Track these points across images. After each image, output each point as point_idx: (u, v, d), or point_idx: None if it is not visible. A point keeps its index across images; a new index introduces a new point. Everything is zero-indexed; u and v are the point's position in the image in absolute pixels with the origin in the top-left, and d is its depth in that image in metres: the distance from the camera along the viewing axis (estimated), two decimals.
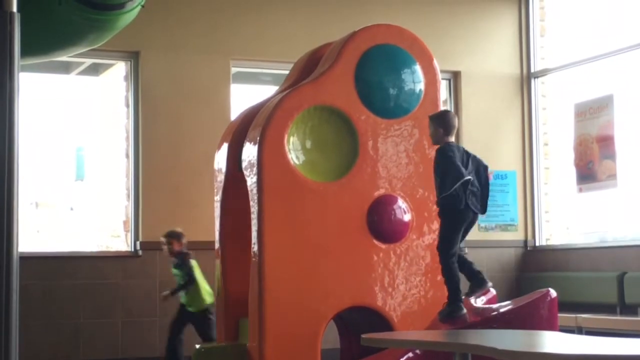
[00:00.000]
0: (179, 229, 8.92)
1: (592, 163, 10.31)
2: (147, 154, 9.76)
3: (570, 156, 10.63)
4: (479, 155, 6.81)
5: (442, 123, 6.71)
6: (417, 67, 7.57)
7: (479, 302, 6.93)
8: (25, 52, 6.32)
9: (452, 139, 6.75)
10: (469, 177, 6.52)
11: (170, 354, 8.74)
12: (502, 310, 6.72)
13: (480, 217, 6.96)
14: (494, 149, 10.94)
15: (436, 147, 6.81)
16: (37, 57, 7.25)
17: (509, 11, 11.40)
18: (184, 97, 9.91)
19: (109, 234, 10.65)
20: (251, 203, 7.31)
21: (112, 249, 10.27)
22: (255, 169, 7.22)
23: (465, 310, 6.64)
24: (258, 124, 7.36)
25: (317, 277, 7.17)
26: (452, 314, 6.62)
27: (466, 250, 6.86)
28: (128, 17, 6.72)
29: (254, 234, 7.22)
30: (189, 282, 8.67)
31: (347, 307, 7.27)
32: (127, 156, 9.94)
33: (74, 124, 12.23)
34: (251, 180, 7.32)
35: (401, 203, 7.43)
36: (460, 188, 6.48)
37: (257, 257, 7.14)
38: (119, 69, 10.25)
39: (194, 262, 8.75)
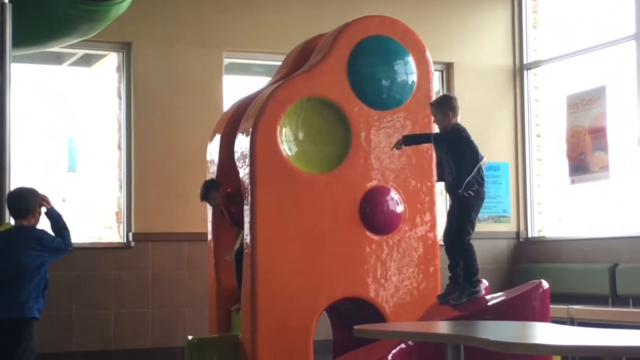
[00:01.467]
0: None
1: (584, 155, 10.32)
2: (139, 145, 9.75)
3: (562, 148, 10.64)
4: None
5: (450, 106, 6.80)
6: (410, 59, 7.56)
7: None
8: (18, 42, 6.31)
9: (464, 118, 6.86)
10: (484, 158, 6.66)
11: None
12: (494, 301, 6.73)
13: None
14: (486, 141, 10.92)
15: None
16: (30, 48, 7.25)
17: (501, 3, 11.39)
18: (176, 88, 9.90)
19: (102, 226, 10.63)
20: (244, 194, 7.31)
21: (104, 240, 10.25)
22: (247, 160, 7.21)
23: (483, 292, 6.76)
24: (250, 115, 7.35)
25: (309, 269, 7.17)
26: (474, 294, 6.69)
27: None
28: (120, 8, 6.71)
29: (247, 225, 7.21)
30: None
31: (340, 298, 7.27)
32: (120, 147, 9.92)
33: (66, 115, 12.20)
34: (243, 171, 7.31)
35: (394, 194, 7.43)
36: (476, 170, 6.61)
37: (249, 249, 7.14)
38: (112, 60, 10.23)
39: None
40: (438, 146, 6.95)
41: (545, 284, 6.65)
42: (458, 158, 6.68)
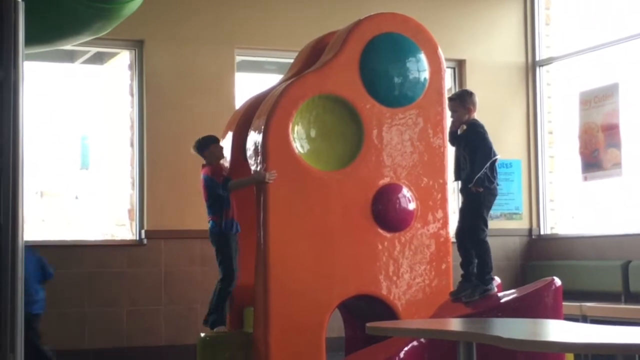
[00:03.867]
0: None
1: (597, 151, 10.29)
2: (151, 143, 9.77)
3: (575, 145, 10.62)
4: None
5: (472, 102, 6.85)
6: (422, 56, 7.56)
7: None
8: (30, 40, 6.32)
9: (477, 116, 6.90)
10: (498, 155, 6.68)
11: None
12: (506, 299, 6.72)
13: None
14: (498, 138, 10.84)
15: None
16: (42, 46, 7.25)
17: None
18: (188, 86, 9.91)
19: (114, 223, 10.66)
20: (256, 192, 7.32)
21: (117, 237, 10.28)
22: (259, 157, 7.22)
23: (495, 289, 6.76)
24: (263, 112, 7.35)
25: (322, 266, 7.17)
26: (486, 292, 6.70)
27: None
28: (133, 5, 6.71)
29: (259, 222, 7.22)
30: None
31: (352, 295, 7.28)
32: (132, 145, 9.94)
33: (79, 112, 12.23)
34: (256, 168, 7.32)
35: (406, 192, 7.43)
36: (489, 166, 6.62)
37: (262, 246, 7.15)
38: (124, 58, 10.25)
39: None
40: (456, 143, 6.97)
41: (557, 281, 6.64)
42: (472, 153, 6.70)
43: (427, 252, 7.44)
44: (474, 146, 6.74)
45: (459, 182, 6.95)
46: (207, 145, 7.71)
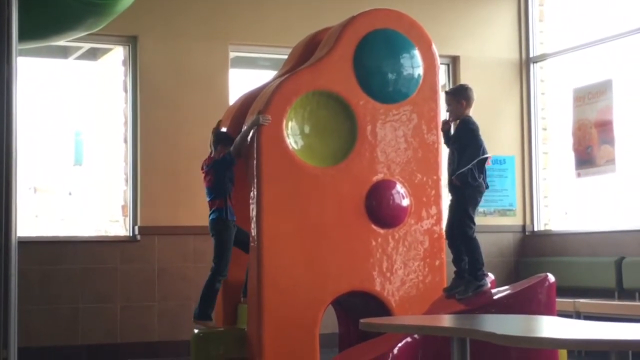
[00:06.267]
0: None
1: (590, 148, 10.30)
2: (145, 139, 9.76)
3: (569, 141, 10.63)
4: None
5: (465, 96, 6.84)
6: (416, 52, 7.56)
7: None
8: (23, 36, 6.31)
9: (471, 112, 6.90)
10: (488, 154, 6.67)
11: None
12: (500, 295, 6.72)
13: None
14: (492, 134, 10.91)
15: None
16: (35, 41, 7.24)
17: None
18: (182, 82, 9.91)
19: (108, 219, 10.65)
20: (249, 187, 7.31)
21: (110, 233, 10.27)
22: (253, 153, 7.21)
23: (489, 285, 6.75)
24: (256, 108, 7.35)
25: (315, 262, 7.17)
26: (480, 288, 6.69)
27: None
28: (126, 1, 6.70)
29: (253, 219, 7.22)
30: None
31: (346, 292, 7.27)
32: (126, 141, 9.93)
33: (72, 108, 12.20)
34: (249, 165, 7.31)
35: (399, 188, 7.42)
36: (476, 164, 6.61)
37: (255, 242, 7.15)
38: (117, 54, 10.24)
39: None
40: (449, 142, 6.97)
41: (551, 278, 6.64)
42: (462, 149, 6.70)
43: (420, 249, 7.44)
44: (464, 144, 6.72)
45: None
46: (226, 141, 7.64)
